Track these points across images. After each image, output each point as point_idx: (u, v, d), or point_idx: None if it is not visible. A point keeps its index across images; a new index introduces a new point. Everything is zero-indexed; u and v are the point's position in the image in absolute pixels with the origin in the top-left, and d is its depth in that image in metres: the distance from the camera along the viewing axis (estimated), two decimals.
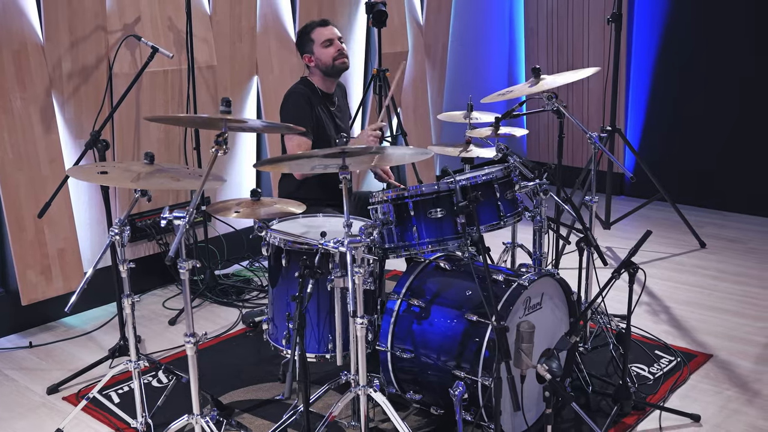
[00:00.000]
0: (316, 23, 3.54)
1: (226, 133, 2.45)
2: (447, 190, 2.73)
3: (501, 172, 2.92)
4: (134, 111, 4.04)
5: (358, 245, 2.42)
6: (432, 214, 2.72)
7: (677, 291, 4.24)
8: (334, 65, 3.48)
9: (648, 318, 3.89)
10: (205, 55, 4.29)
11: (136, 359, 2.79)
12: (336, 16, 4.94)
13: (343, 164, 2.50)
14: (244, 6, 4.46)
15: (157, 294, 4.36)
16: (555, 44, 6.38)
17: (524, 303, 2.71)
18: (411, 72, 5.63)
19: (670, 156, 5.92)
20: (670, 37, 5.81)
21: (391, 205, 2.72)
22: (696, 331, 3.72)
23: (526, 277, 2.73)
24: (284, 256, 2.80)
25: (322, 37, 3.47)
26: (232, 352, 3.60)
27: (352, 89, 5.25)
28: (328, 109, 3.53)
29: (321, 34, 3.48)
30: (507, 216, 2.90)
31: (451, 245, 2.77)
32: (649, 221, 5.46)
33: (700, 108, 5.74)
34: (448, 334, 2.72)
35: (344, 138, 2.49)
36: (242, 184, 4.68)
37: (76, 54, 3.78)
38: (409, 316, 2.81)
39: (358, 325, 2.49)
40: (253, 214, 2.65)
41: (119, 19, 3.91)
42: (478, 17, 6.36)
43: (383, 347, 2.83)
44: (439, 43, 5.85)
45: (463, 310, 2.71)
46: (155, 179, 2.58)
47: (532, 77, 3.21)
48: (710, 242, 4.98)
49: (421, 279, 2.88)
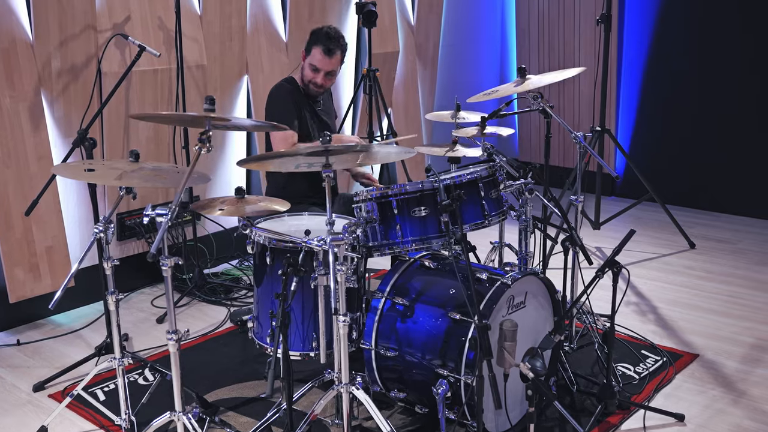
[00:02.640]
0: (325, 44, 3.44)
1: (209, 131, 2.46)
2: (431, 188, 2.73)
3: (486, 171, 2.93)
4: (123, 109, 4.04)
5: (340, 243, 2.42)
6: (416, 213, 2.72)
7: (665, 291, 4.26)
8: (308, 85, 3.51)
9: (635, 318, 3.90)
10: (195, 55, 4.29)
11: (120, 356, 2.79)
12: (326, 15, 4.95)
13: (326, 162, 2.50)
14: (234, 6, 4.47)
15: (146, 292, 4.36)
16: (546, 44, 6.40)
17: (507, 301, 2.72)
18: (402, 72, 5.64)
19: (661, 156, 5.94)
20: (661, 36, 5.83)
21: (375, 204, 2.73)
22: (683, 331, 3.73)
23: (509, 275, 2.74)
24: (268, 254, 2.80)
25: (314, 60, 3.46)
26: (218, 351, 3.61)
27: (343, 90, 5.26)
28: (312, 107, 3.54)
29: (315, 57, 3.45)
30: (491, 215, 2.91)
31: (435, 244, 2.77)
32: (638, 221, 5.48)
33: (691, 108, 5.76)
34: (431, 333, 2.73)
35: (328, 136, 2.49)
36: (231, 182, 4.69)
37: (66, 52, 3.78)
38: (393, 314, 2.82)
39: (340, 323, 2.49)
40: (237, 212, 2.65)
41: (109, 18, 3.91)
42: (470, 17, 6.38)
43: (367, 345, 2.84)
44: (430, 43, 5.86)
45: (446, 308, 2.72)
46: (140, 177, 2.59)
47: (518, 77, 3.23)
48: (699, 243, 5.00)
49: (406, 277, 2.89)
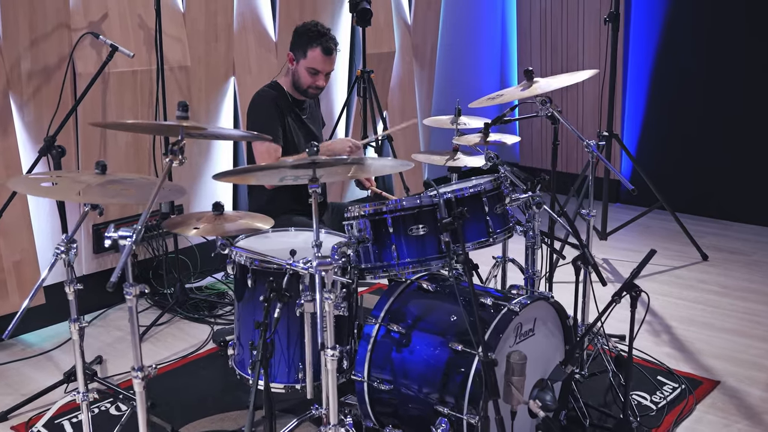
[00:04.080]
0: (322, 43, 3.19)
1: (182, 142, 2.20)
2: (430, 204, 2.47)
3: (490, 184, 2.66)
4: (100, 114, 3.77)
5: (328, 267, 2.15)
6: (413, 232, 2.45)
7: (678, 308, 4.00)
8: (306, 90, 3.26)
9: (648, 338, 3.64)
10: (178, 55, 4.02)
11: (84, 390, 2.51)
12: (318, 13, 4.68)
13: (313, 176, 2.24)
14: (221, 4, 4.20)
15: (124, 309, 4.08)
16: (549, 45, 6.13)
17: (515, 330, 2.46)
18: (398, 73, 5.37)
19: (669, 162, 5.67)
20: (669, 38, 5.57)
21: (368, 221, 2.46)
22: (700, 354, 3.47)
23: (517, 301, 2.48)
24: (250, 277, 2.54)
25: (314, 63, 3.19)
26: (199, 375, 3.34)
27: (336, 91, 4.99)
28: (298, 115, 3.28)
29: (316, 59, 3.19)
30: (497, 233, 2.64)
31: (434, 265, 2.51)
32: (648, 232, 5.22)
33: (700, 112, 5.50)
34: (430, 364, 2.47)
35: (315, 147, 2.22)
36: (218, 194, 4.42)
37: (37, 53, 3.50)
38: (387, 342, 2.56)
39: (328, 358, 2.22)
40: (214, 230, 2.39)
41: (84, 16, 3.64)
42: (469, 17, 6.11)
43: (359, 377, 2.57)
44: (428, 44, 5.59)
45: (447, 337, 2.46)
46: (105, 191, 2.32)
47: (524, 80, 2.97)
48: (711, 254, 4.73)
49: (402, 301, 2.63)
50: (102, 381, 3.18)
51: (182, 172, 4.12)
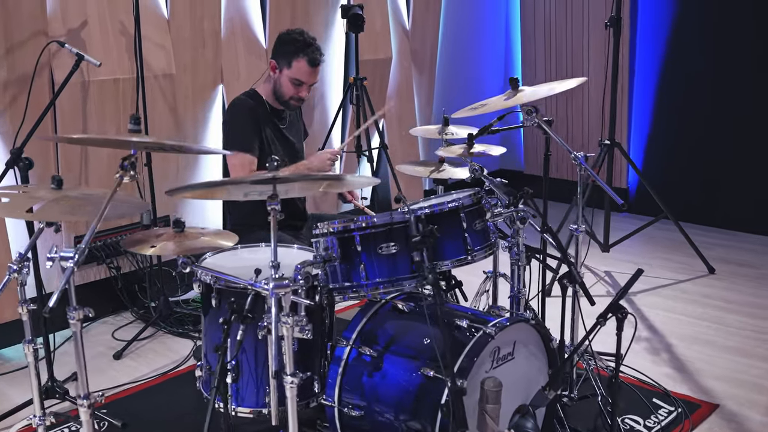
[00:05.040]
0: (308, 54, 3.07)
1: (134, 157, 2.09)
2: (402, 221, 2.33)
3: (469, 199, 2.52)
4: (81, 125, 3.68)
5: (285, 290, 2.02)
6: (383, 250, 2.32)
7: (681, 325, 3.82)
8: (287, 101, 3.15)
9: (646, 357, 3.47)
10: (162, 63, 3.92)
11: (41, 414, 2.40)
12: (310, 19, 4.57)
13: (273, 192, 2.11)
14: (207, 9, 4.09)
15: (108, 322, 3.99)
16: (553, 51, 5.97)
17: (492, 354, 2.32)
18: (396, 80, 5.24)
19: (676, 170, 5.49)
20: (677, 43, 5.39)
21: (336, 239, 2.32)
22: (700, 375, 3.30)
23: (494, 323, 2.34)
24: (214, 296, 2.41)
25: (298, 74, 3.07)
26: (177, 393, 3.22)
27: (330, 99, 4.87)
28: (277, 126, 3.16)
29: (301, 70, 3.07)
30: (475, 250, 2.50)
31: (407, 285, 2.37)
32: (651, 242, 5.04)
33: (708, 120, 5.31)
34: (402, 390, 2.34)
35: (276, 162, 2.10)
36: (208, 208, 4.31)
37: (12, 62, 3.41)
38: (359, 366, 2.43)
39: (287, 386, 2.10)
40: (173, 249, 2.27)
41: (63, 23, 3.55)
42: (472, 21, 5.96)
43: (329, 401, 2.45)
44: (427, 49, 5.45)
45: (419, 361, 2.32)
46: (59, 207, 2.22)
47: (510, 89, 2.83)
48: (719, 266, 4.55)
49: (375, 322, 2.50)
50: (73, 400, 3.08)
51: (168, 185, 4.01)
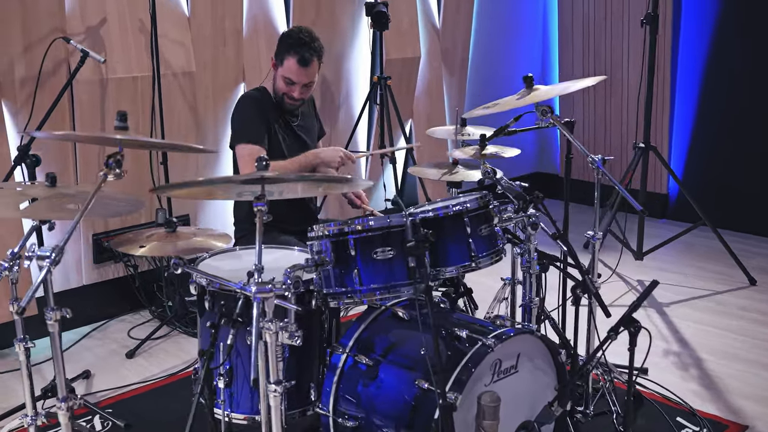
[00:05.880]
0: (299, 52, 2.95)
1: (120, 154, 2.03)
2: (399, 225, 2.22)
3: (475, 203, 2.40)
4: (99, 122, 3.67)
5: (267, 295, 1.94)
6: (378, 255, 2.21)
7: (715, 338, 3.62)
8: (282, 98, 3.05)
9: (674, 372, 3.30)
10: (182, 60, 3.89)
11: (32, 414, 2.36)
12: (335, 17, 4.49)
13: (261, 193, 2.03)
14: (229, 7, 4.04)
15: (126, 320, 3.98)
16: (591, 50, 5.78)
17: (492, 367, 2.19)
18: (425, 79, 5.12)
19: (717, 176, 5.25)
20: (720, 42, 5.15)
21: (329, 242, 2.23)
22: (731, 393, 3.11)
23: (495, 334, 2.21)
24: (207, 299, 2.35)
25: (289, 72, 2.98)
26: (181, 395, 3.16)
27: (356, 98, 4.77)
28: (287, 122, 3.07)
29: (291, 69, 2.98)
30: (480, 257, 2.37)
31: (404, 292, 2.26)
32: (690, 250, 4.82)
33: (752, 123, 5.06)
34: (397, 402, 2.23)
35: (264, 161, 2.02)
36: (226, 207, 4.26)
37: (31, 59, 3.42)
38: (354, 374, 2.33)
39: (270, 394, 2.01)
40: (163, 249, 2.21)
41: (81, 21, 3.54)
42: (507, 20, 5.80)
43: (324, 411, 2.35)
44: (459, 48, 5.32)
45: (415, 372, 2.21)
46: (51, 205, 2.18)
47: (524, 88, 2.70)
48: (760, 277, 4.32)
49: (373, 330, 2.40)
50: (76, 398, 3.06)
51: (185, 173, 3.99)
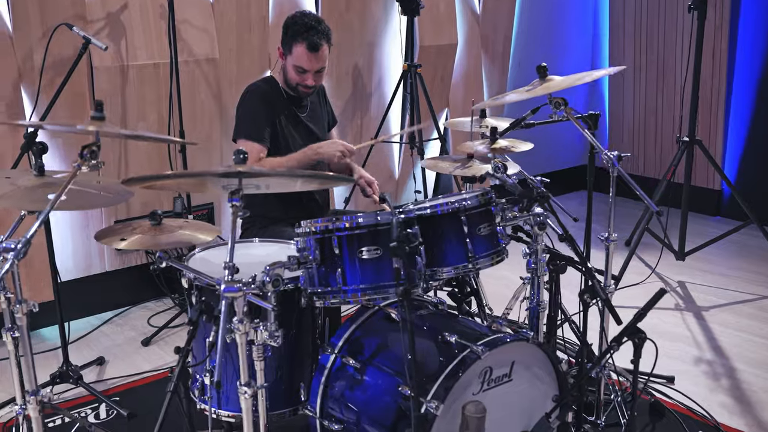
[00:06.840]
0: (307, 38, 2.82)
1: (95, 145, 1.98)
2: (387, 223, 2.11)
3: (475, 200, 2.26)
4: (120, 110, 3.66)
5: (236, 294, 1.85)
6: (364, 254, 2.10)
7: (752, 347, 3.39)
8: (296, 88, 2.93)
9: (703, 382, 3.09)
10: (205, 47, 3.84)
11: (22, 403, 2.34)
12: (366, 2, 4.37)
13: (238, 186, 1.95)
14: None
15: (148, 307, 3.98)
16: (644, 40, 5.50)
17: (481, 375, 2.07)
18: (463, 67, 4.95)
19: None
20: None
21: (313, 240, 2.13)
22: (762, 407, 2.90)
23: (485, 341, 2.08)
24: (195, 293, 2.29)
25: (299, 60, 2.86)
26: None
27: (388, 86, 4.64)
28: (294, 114, 2.97)
29: (301, 56, 2.85)
30: (478, 257, 2.24)
31: (392, 293, 2.14)
32: (739, 252, 4.54)
33: None
34: (381, 408, 2.13)
35: (241, 155, 1.93)
36: None
37: (51, 45, 3.42)
38: (342, 376, 2.24)
39: (241, 396, 1.93)
40: (146, 243, 2.15)
41: (102, 7, 3.53)
42: (553, 5, 5.55)
43: (311, 412, 2.27)
44: (500, 35, 5.13)
45: (400, 378, 2.10)
46: (34, 195, 2.14)
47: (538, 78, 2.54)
48: None
49: (364, 331, 2.30)
50: (86, 386, 3.07)
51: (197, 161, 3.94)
